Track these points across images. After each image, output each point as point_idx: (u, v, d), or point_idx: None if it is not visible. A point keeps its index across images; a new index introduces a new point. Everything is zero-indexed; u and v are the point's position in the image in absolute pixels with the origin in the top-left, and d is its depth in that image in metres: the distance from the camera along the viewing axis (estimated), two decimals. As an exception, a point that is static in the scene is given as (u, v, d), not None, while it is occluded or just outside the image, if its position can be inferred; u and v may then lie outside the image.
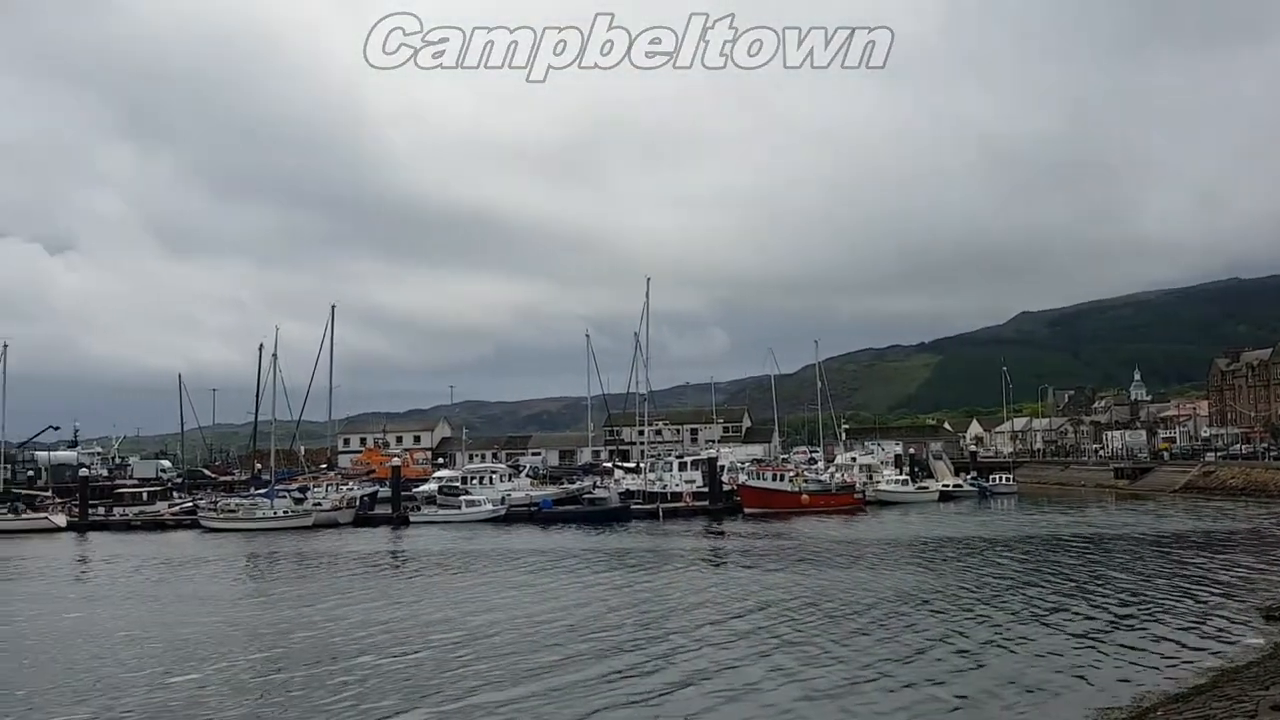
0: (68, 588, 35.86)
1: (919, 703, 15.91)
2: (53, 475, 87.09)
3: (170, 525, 65.45)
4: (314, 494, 66.90)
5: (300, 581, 35.01)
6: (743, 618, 24.18)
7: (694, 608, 25.99)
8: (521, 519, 60.75)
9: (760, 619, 23.93)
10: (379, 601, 28.83)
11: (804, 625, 22.95)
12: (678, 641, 21.38)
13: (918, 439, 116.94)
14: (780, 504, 60.10)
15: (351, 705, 16.58)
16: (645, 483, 66.68)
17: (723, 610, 25.40)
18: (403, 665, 19.59)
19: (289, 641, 22.62)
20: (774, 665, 18.81)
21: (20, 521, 65.46)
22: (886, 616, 23.82)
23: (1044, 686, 16.76)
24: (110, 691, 18.06)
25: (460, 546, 46.02)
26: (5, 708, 16.95)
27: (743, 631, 22.36)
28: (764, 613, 24.80)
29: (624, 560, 38.15)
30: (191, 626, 25.25)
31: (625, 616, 24.80)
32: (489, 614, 25.56)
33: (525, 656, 19.98)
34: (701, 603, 26.84)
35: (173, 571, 40.05)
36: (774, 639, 21.35)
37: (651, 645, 21.01)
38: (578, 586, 30.87)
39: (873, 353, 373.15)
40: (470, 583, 32.84)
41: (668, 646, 20.85)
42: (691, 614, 24.97)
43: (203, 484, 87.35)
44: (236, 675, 19.17)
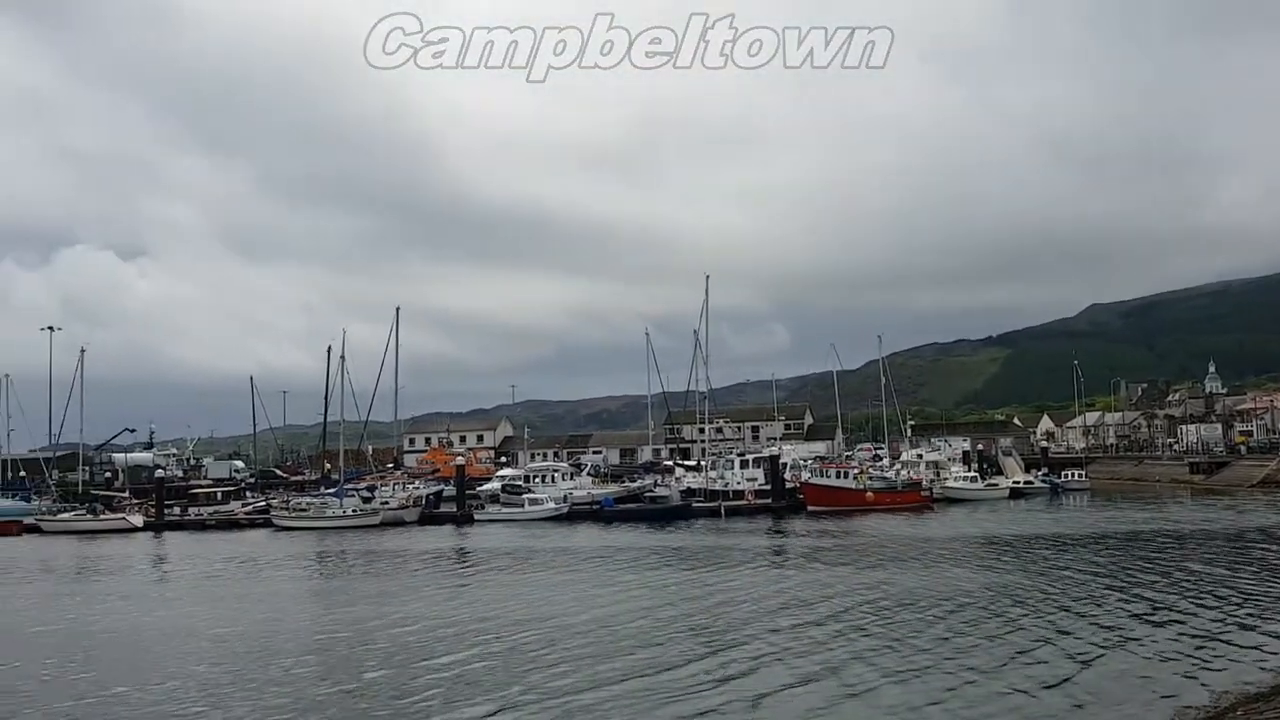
0: (148, 587, 36.75)
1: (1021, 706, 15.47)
2: (130, 476, 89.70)
3: (244, 524, 66.98)
4: (381, 493, 67.97)
5: (374, 579, 35.46)
6: (823, 617, 23.78)
7: (773, 606, 25.60)
8: (584, 517, 60.93)
9: (844, 618, 23.52)
10: (455, 600, 28.99)
11: (891, 625, 22.46)
12: (762, 641, 21.00)
13: (986, 435, 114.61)
14: (845, 502, 59.40)
15: (441, 704, 16.51)
16: (706, 481, 66.38)
17: (803, 609, 25.01)
18: (487, 664, 19.50)
19: (372, 640, 22.70)
20: (870, 665, 18.39)
21: (99, 522, 67.56)
22: (975, 616, 23.27)
23: (1120, 683, 16.32)
24: (203, 691, 18.26)
25: (525, 544, 46.28)
26: (107, 708, 17.18)
27: (828, 631, 21.95)
28: (847, 612, 24.37)
29: (690, 559, 37.96)
30: (274, 625, 25.62)
31: (702, 616, 24.48)
32: (565, 612, 25.51)
33: (610, 656, 19.79)
34: (780, 601, 26.45)
35: (249, 570, 40.88)
36: (864, 639, 20.92)
37: (736, 645, 20.64)
38: (648, 585, 30.71)
39: (938, 347, 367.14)
40: (540, 580, 32.89)
41: (755, 647, 20.43)
42: (772, 613, 24.57)
43: (274, 484, 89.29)
44: (327, 674, 19.24)
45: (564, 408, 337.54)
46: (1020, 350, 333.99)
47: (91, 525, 66.90)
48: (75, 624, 26.98)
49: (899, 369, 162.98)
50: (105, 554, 50.50)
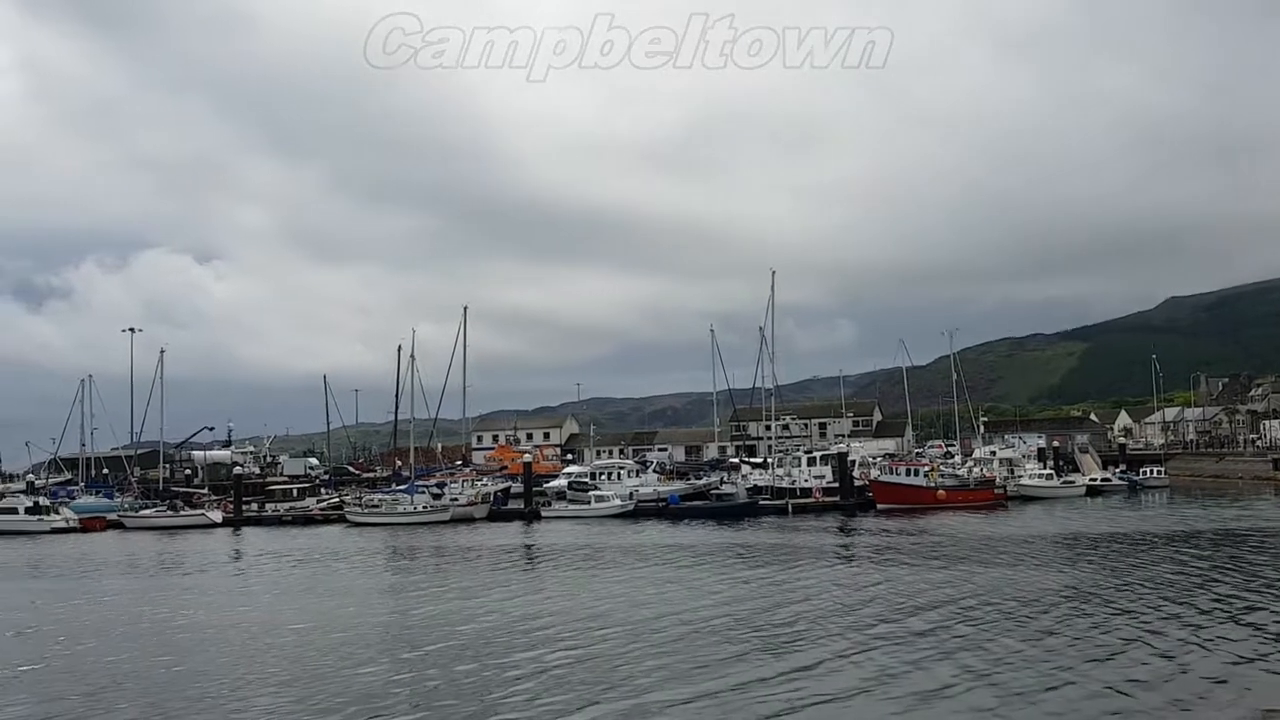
0: (230, 581, 37.61)
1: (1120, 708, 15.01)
2: (209, 474, 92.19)
3: (318, 520, 68.46)
4: (451, 490, 68.84)
5: (448, 575, 35.86)
6: (907, 615, 23.33)
7: (850, 605, 25.22)
8: (650, 514, 60.94)
9: (927, 616, 23.05)
10: (530, 595, 29.12)
11: (977, 623, 21.93)
12: (846, 639, 20.65)
13: (1062, 431, 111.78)
14: (915, 500, 58.50)
15: (527, 700, 16.50)
16: (773, 478, 65.91)
17: (885, 607, 24.58)
18: (571, 660, 19.43)
19: (453, 634, 22.81)
20: (960, 665, 17.94)
21: (179, 518, 69.66)
22: (1060, 614, 22.66)
23: (1206, 683, 15.89)
24: (288, 683, 18.52)
25: (592, 541, 46.44)
26: (198, 700, 17.49)
27: (914, 629, 21.50)
28: (930, 610, 23.88)
29: (759, 556, 37.68)
30: (354, 619, 25.94)
31: (776, 613, 24.19)
32: (642, 609, 25.40)
33: (693, 653, 19.57)
34: (855, 600, 26.06)
35: (326, 565, 41.64)
36: (951, 638, 20.42)
37: (817, 643, 20.30)
38: (720, 582, 30.45)
39: (1011, 342, 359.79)
40: (612, 577, 32.88)
41: (839, 645, 20.09)
42: (849, 612, 24.18)
43: (347, 480, 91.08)
44: (415, 669, 19.33)
45: (628, 405, 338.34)
46: (1096, 344, 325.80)
47: (172, 521, 68.99)
48: (164, 618, 27.62)
49: (971, 364, 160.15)
50: (186, 549, 51.95)
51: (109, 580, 38.25)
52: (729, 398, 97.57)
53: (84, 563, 46.11)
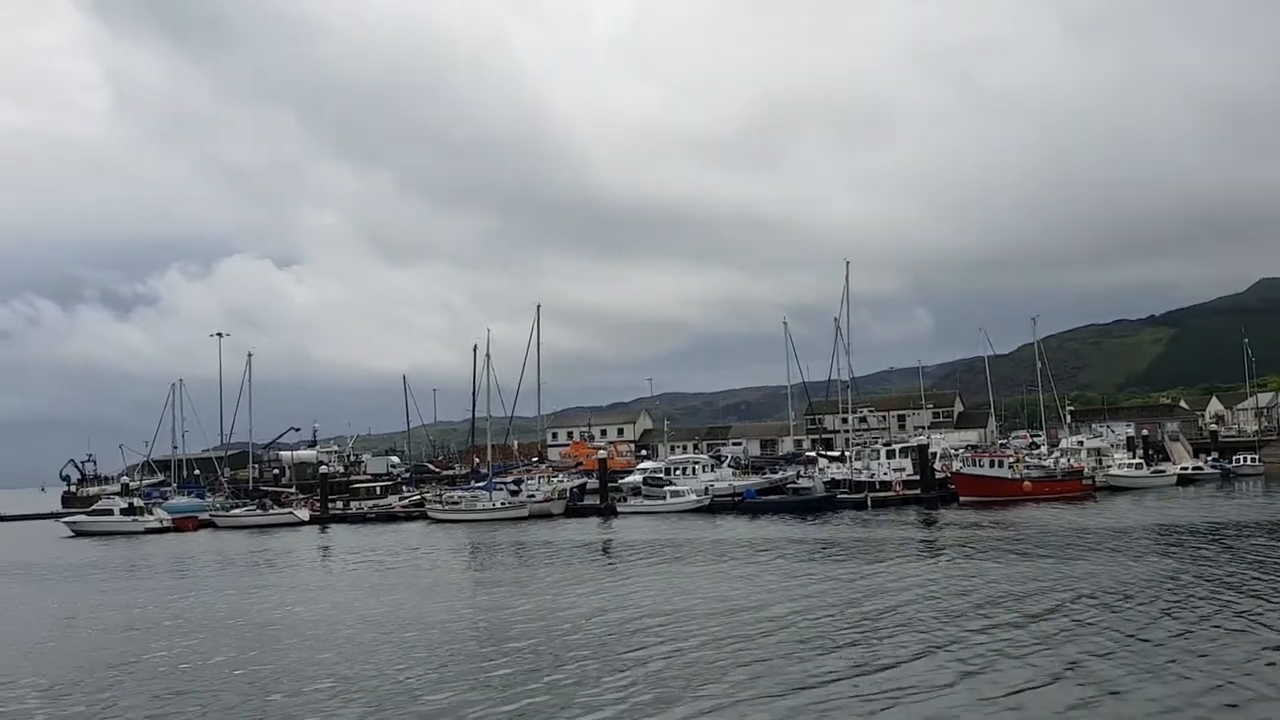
0: (321, 577, 38.46)
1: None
2: (295, 473, 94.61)
3: (401, 517, 69.81)
4: (528, 486, 69.53)
5: (533, 570, 36.10)
6: (997, 608, 22.74)
7: (942, 598, 24.65)
8: (726, 509, 60.68)
9: (1018, 609, 22.45)
10: (616, 590, 29.05)
11: (1072, 616, 21.29)
12: (935, 633, 20.19)
13: (1151, 419, 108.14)
14: (1000, 492, 57.20)
15: (619, 697, 16.40)
16: (851, 471, 65.09)
17: (975, 601, 23.95)
18: (662, 656, 19.19)
19: (546, 630, 22.82)
20: (1060, 658, 17.41)
21: (268, 516, 71.65)
22: (1164, 607, 21.89)
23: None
24: (385, 678, 18.74)
25: (669, 536, 46.38)
26: (299, 693, 17.79)
27: (1005, 622, 20.93)
28: (1021, 603, 23.27)
29: (839, 550, 37.20)
30: (450, 614, 26.20)
31: (865, 608, 23.77)
32: (725, 603, 25.17)
33: (783, 649, 19.26)
34: (949, 592, 25.46)
35: (413, 561, 42.33)
36: (1046, 631, 19.83)
37: (905, 638, 19.84)
38: (804, 576, 30.09)
39: (1097, 329, 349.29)
40: (692, 571, 32.71)
41: (929, 639, 19.59)
42: (942, 605, 23.64)
43: (427, 478, 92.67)
44: (507, 663, 19.41)
45: (701, 400, 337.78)
46: (1185, 329, 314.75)
47: (261, 520, 70.98)
48: (265, 614, 28.25)
49: (1055, 352, 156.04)
50: (277, 547, 53.37)
51: (206, 578, 39.41)
52: (803, 391, 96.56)
53: (180, 561, 47.64)
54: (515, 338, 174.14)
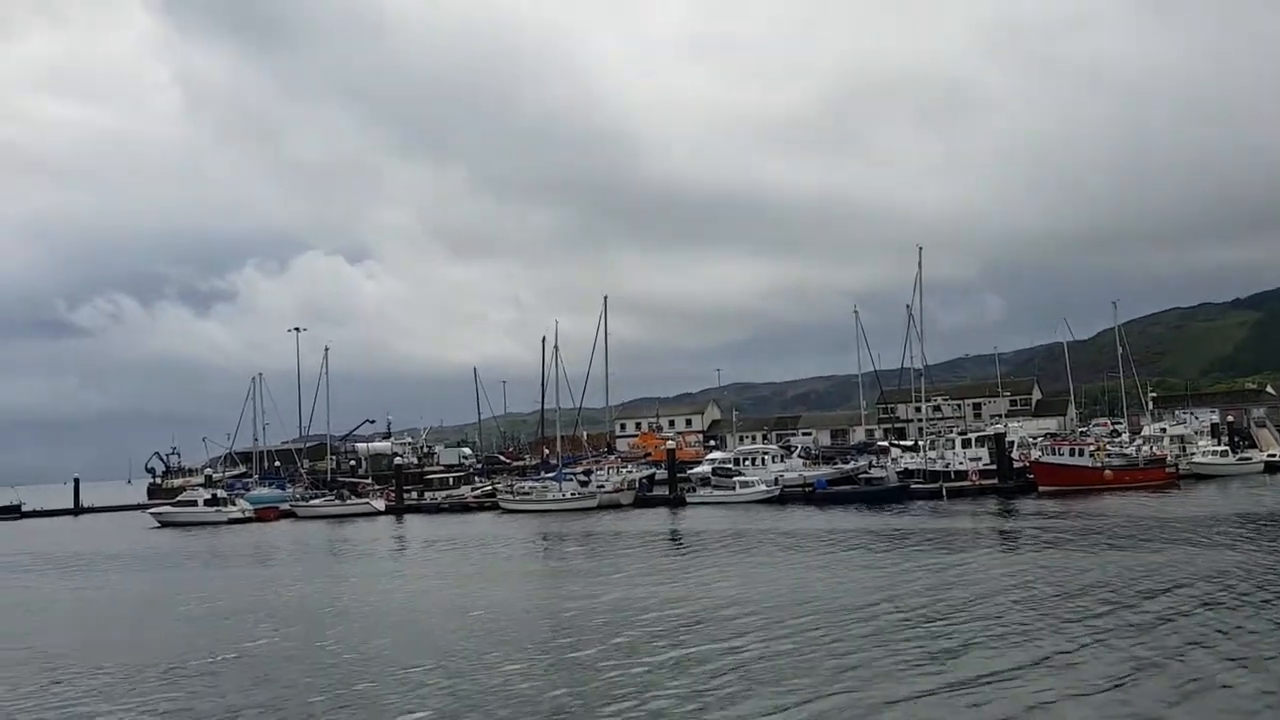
0: (403, 565, 39.20)
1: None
2: (371, 464, 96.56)
3: (474, 507, 70.80)
4: (597, 477, 69.89)
5: (605, 560, 36.23)
6: (1082, 599, 22.21)
7: (1023, 588, 24.15)
8: (796, 500, 60.18)
9: (1102, 599, 21.97)
10: (691, 580, 28.99)
11: (1161, 607, 20.75)
12: (1019, 625, 19.76)
13: (1236, 405, 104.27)
14: (1080, 481, 55.82)
15: (692, 691, 16.34)
16: (925, 461, 64.04)
17: (1058, 591, 23.43)
18: (748, 645, 19.08)
19: (624, 619, 22.88)
20: (1152, 649, 17.08)
21: (346, 507, 73.28)
22: (1261, 599, 21.18)
23: None
24: (472, 663, 19.05)
25: (741, 526, 46.19)
26: (401, 678, 18.08)
27: (1090, 613, 20.45)
28: (1106, 593, 22.75)
29: (915, 541, 36.60)
30: (525, 603, 26.50)
31: (944, 598, 23.37)
32: (799, 594, 24.99)
33: (863, 642, 18.97)
34: (1030, 583, 24.92)
35: (488, 550, 42.94)
36: (1133, 622, 19.38)
37: (986, 630, 19.43)
38: (880, 567, 29.74)
39: (1180, 312, 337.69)
40: (764, 562, 32.52)
41: (1011, 631, 19.21)
42: (1023, 595, 23.16)
43: (499, 469, 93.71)
44: (593, 652, 19.51)
45: (770, 389, 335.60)
46: (1272, 312, 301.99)
47: (339, 510, 72.64)
48: (354, 600, 28.86)
49: (1136, 337, 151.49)
50: (355, 536, 54.58)
51: (293, 567, 40.42)
52: (875, 379, 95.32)
53: (264, 551, 49.00)
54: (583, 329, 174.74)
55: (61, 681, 19.09)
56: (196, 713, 16.19)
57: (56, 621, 27.47)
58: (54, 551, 53.54)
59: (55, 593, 34.65)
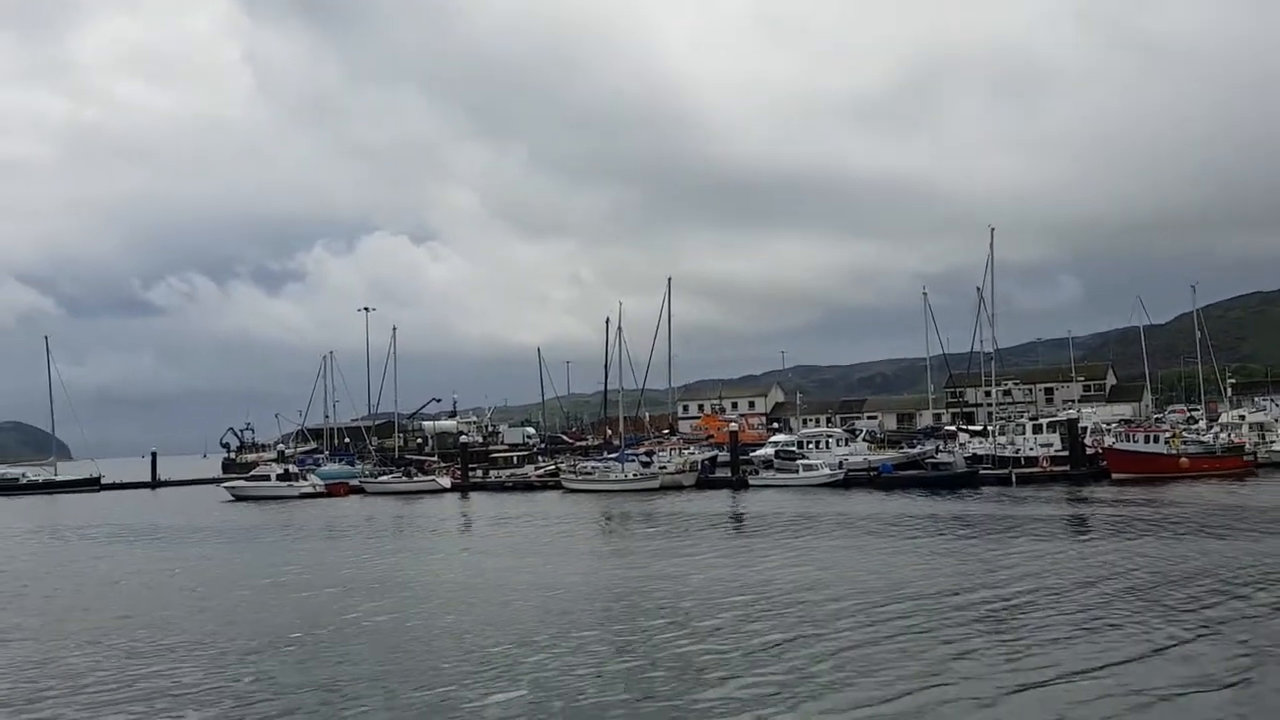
0: (473, 541, 39.92)
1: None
2: (437, 442, 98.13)
3: (537, 486, 71.65)
4: (659, 458, 70.04)
5: (669, 540, 36.26)
6: (1157, 589, 21.66)
7: (1096, 578, 23.55)
8: (860, 484, 59.60)
9: (1179, 590, 21.42)
10: (754, 562, 28.87)
11: (1239, 599, 20.21)
12: (1089, 615, 19.27)
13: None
14: (1154, 468, 54.32)
15: (764, 671, 16.35)
16: (994, 446, 62.87)
17: (1132, 582, 22.82)
18: (852, 634, 18.78)
19: (689, 600, 22.78)
20: (1230, 641, 16.68)
21: (413, 483, 74.74)
22: None
23: None
24: (548, 634, 19.27)
25: (804, 510, 45.89)
26: (478, 656, 18.16)
27: (1168, 604, 19.94)
28: (1183, 584, 22.15)
29: (983, 527, 35.98)
30: (601, 581, 26.61)
31: (1013, 586, 22.95)
32: (864, 580, 24.62)
33: (925, 627, 18.78)
34: (1103, 573, 24.28)
35: (552, 528, 43.35)
36: (1212, 614, 18.86)
37: (1056, 619, 19.02)
38: (946, 553, 29.28)
39: (1262, 296, 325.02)
40: (828, 546, 32.21)
41: (1081, 621, 18.77)
42: (1096, 585, 22.60)
43: (561, 449, 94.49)
44: (661, 631, 19.54)
45: (835, 372, 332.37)
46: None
47: (407, 486, 74.09)
48: (430, 576, 29.22)
49: (1216, 321, 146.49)
50: (424, 512, 55.56)
51: (365, 541, 41.12)
52: (944, 363, 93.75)
53: (336, 525, 50.02)
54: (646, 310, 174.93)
55: (143, 653, 19.38)
56: (282, 685, 16.36)
57: (140, 593, 28.16)
58: (134, 523, 55.31)
59: (137, 564, 35.61)
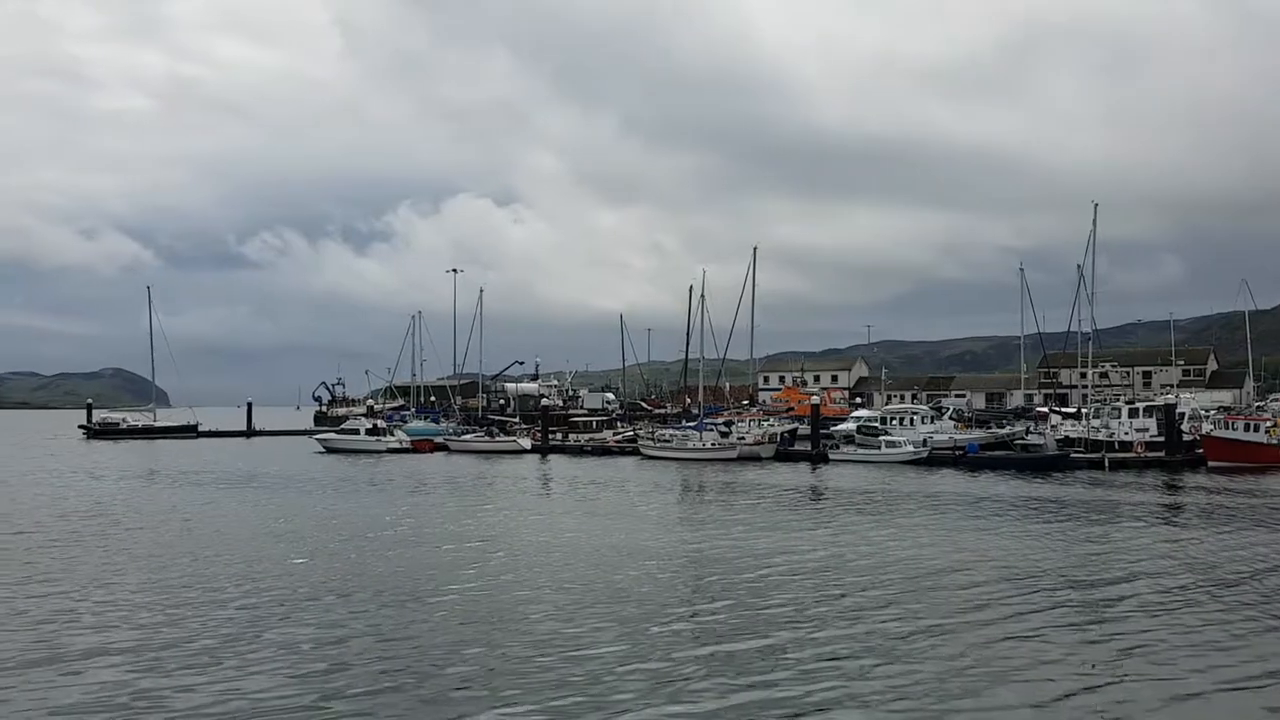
0: (551, 504, 40.11)
1: None
2: (519, 404, 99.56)
3: (615, 451, 72.23)
4: (738, 428, 69.79)
5: (748, 511, 36.03)
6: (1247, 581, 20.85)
7: (1183, 568, 22.81)
8: (945, 463, 58.42)
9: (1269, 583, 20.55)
10: (830, 537, 28.61)
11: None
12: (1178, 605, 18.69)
13: None
14: (1253, 458, 52.25)
15: (831, 649, 16.31)
16: (1087, 430, 60.97)
17: (1224, 573, 22.04)
18: (887, 607, 18.73)
19: (765, 570, 22.68)
20: None
21: (495, 444, 76.08)
22: None
23: None
24: (614, 598, 19.46)
25: (885, 487, 45.24)
26: (573, 618, 18.46)
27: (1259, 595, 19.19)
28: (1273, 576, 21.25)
29: (1072, 512, 34.90)
30: (687, 548, 26.60)
31: (1102, 573, 22.28)
32: (940, 559, 24.19)
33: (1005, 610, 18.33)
34: (1192, 563, 23.51)
35: (628, 493, 43.65)
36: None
37: (1143, 608, 18.41)
38: (1032, 536, 28.47)
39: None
40: (908, 524, 31.58)
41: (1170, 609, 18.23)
42: (1184, 574, 21.92)
43: (640, 415, 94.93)
44: (739, 598, 19.50)
45: (922, 348, 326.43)
46: None
47: (489, 446, 75.49)
48: (518, 536, 29.49)
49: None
50: (506, 472, 56.42)
51: (455, 498, 41.81)
52: (1038, 342, 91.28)
53: (423, 480, 51.11)
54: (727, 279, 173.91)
55: (259, 605, 19.84)
56: (381, 634, 16.73)
57: (243, 539, 28.90)
58: (233, 470, 57.45)
59: (240, 511, 36.65)
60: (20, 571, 22.71)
